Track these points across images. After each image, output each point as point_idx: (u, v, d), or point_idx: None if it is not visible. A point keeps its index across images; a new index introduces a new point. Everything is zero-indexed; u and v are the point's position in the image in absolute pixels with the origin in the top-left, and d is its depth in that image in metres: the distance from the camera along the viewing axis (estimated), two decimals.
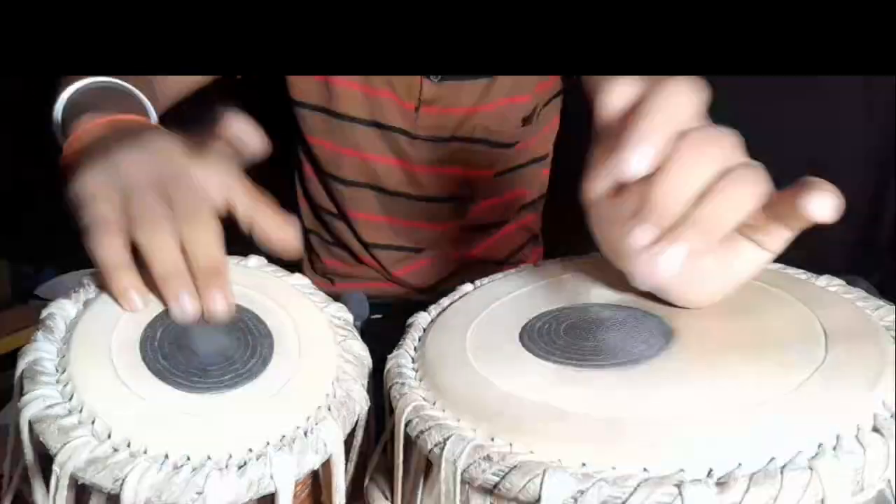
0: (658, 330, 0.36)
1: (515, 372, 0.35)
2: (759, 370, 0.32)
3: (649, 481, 0.27)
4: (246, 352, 0.37)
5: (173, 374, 0.35)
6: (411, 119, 0.81)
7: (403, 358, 0.39)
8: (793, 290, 0.38)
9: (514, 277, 0.46)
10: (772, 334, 0.35)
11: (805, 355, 0.32)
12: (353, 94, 0.80)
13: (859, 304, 0.37)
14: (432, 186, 0.86)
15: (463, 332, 0.39)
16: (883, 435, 0.28)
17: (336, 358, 0.39)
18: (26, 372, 0.35)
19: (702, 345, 0.35)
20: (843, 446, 0.27)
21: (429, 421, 0.33)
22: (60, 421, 0.32)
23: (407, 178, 0.85)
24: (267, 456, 0.32)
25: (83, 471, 0.31)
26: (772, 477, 0.26)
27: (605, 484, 0.27)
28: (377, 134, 0.83)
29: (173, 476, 0.31)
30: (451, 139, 0.83)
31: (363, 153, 0.84)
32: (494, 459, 0.30)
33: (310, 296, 0.43)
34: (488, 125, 0.82)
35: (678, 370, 0.33)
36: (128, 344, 0.36)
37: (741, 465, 0.27)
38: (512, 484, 0.29)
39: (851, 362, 0.31)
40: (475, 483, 0.31)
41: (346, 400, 0.37)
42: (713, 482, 0.27)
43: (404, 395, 0.35)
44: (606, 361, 0.34)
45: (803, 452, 0.27)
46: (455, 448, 0.31)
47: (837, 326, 0.34)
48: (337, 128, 0.83)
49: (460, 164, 0.85)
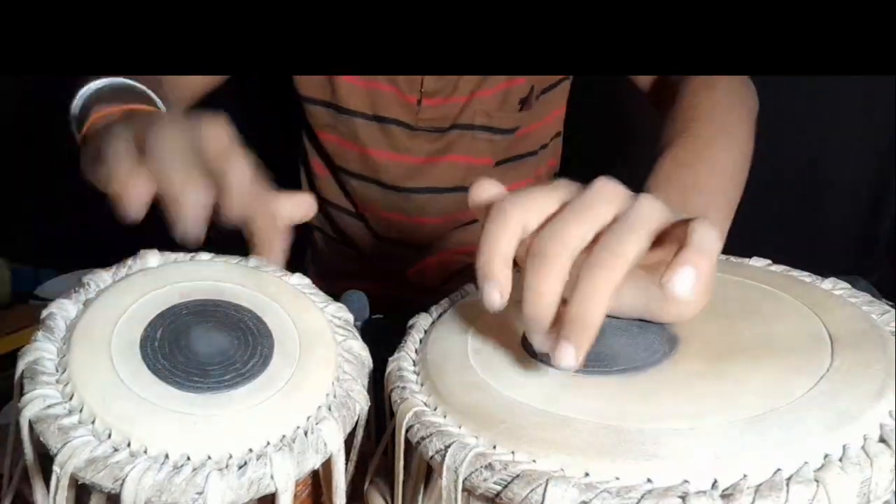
0: (662, 336, 0.36)
1: (518, 377, 0.35)
2: (764, 378, 0.32)
3: (653, 492, 0.27)
4: (246, 352, 0.37)
5: (173, 374, 0.35)
6: (413, 112, 0.82)
7: (405, 361, 0.38)
8: (798, 294, 0.38)
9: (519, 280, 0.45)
10: (777, 340, 0.34)
11: (811, 362, 0.32)
12: (355, 89, 0.81)
13: (865, 308, 0.36)
14: (434, 178, 0.86)
15: (465, 335, 0.39)
16: (889, 446, 0.27)
17: (336, 357, 0.39)
18: (26, 372, 0.34)
19: (706, 351, 0.34)
20: (850, 457, 0.27)
21: (430, 427, 0.33)
22: (60, 421, 0.32)
23: (406, 171, 0.85)
24: (267, 456, 0.32)
25: (83, 470, 0.31)
26: (777, 489, 0.26)
27: (609, 495, 0.27)
28: (378, 128, 0.83)
29: (173, 476, 0.30)
30: (452, 128, 0.84)
31: (365, 148, 0.84)
32: (496, 468, 0.29)
33: (310, 296, 0.43)
34: (488, 111, 0.83)
35: (682, 377, 0.33)
36: (128, 344, 0.36)
37: (746, 477, 0.27)
38: (514, 494, 0.29)
39: (857, 370, 0.31)
40: (477, 491, 0.30)
41: (347, 400, 0.36)
42: (718, 494, 0.26)
43: (405, 399, 0.35)
44: (610, 368, 0.34)
45: (809, 464, 0.27)
46: (457, 456, 0.30)
47: (843, 332, 0.34)
48: (342, 122, 0.83)
49: (461, 152, 0.85)
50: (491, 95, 0.83)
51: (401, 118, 0.83)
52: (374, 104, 0.82)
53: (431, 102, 0.82)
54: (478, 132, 0.84)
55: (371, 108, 0.82)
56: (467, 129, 0.84)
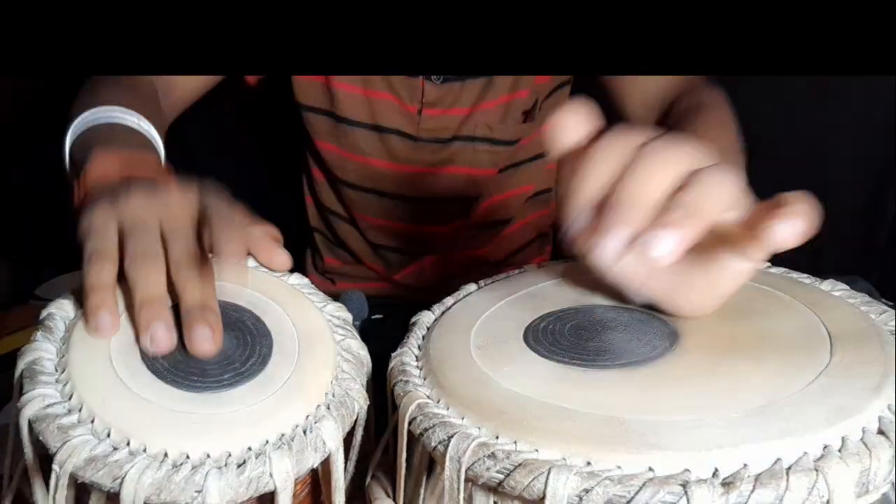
0: (663, 332, 0.36)
1: (520, 371, 0.35)
2: (764, 372, 0.32)
3: (654, 480, 0.27)
4: (245, 351, 0.37)
5: (172, 374, 0.35)
6: (414, 122, 0.81)
7: (407, 356, 0.39)
8: (797, 294, 0.38)
9: (519, 278, 0.46)
10: (777, 337, 0.35)
11: (810, 358, 0.32)
12: (354, 98, 0.80)
13: (863, 308, 0.37)
14: (435, 188, 0.85)
15: (467, 331, 0.39)
16: (888, 438, 0.28)
17: (335, 357, 0.39)
18: (26, 372, 0.35)
19: (707, 347, 0.35)
20: (849, 448, 0.27)
21: (433, 418, 0.33)
22: (60, 420, 0.32)
23: (408, 181, 0.85)
24: (266, 454, 0.32)
25: (83, 469, 0.31)
26: (777, 478, 0.26)
27: (611, 482, 0.27)
28: (378, 138, 0.82)
29: (172, 474, 0.30)
30: (454, 139, 0.83)
31: (365, 157, 0.84)
32: (499, 457, 0.30)
33: (308, 295, 0.43)
34: (490, 123, 0.82)
35: (683, 372, 0.33)
36: (127, 343, 0.36)
37: (746, 466, 0.27)
38: (516, 482, 0.29)
39: (856, 365, 0.31)
40: (479, 481, 0.30)
41: (345, 399, 0.37)
42: (719, 482, 0.27)
43: (408, 392, 0.35)
44: (611, 362, 0.34)
45: (809, 454, 0.27)
46: (459, 445, 0.31)
47: (842, 330, 0.34)
48: (341, 132, 0.83)
49: (463, 164, 0.85)
50: (493, 108, 0.82)
51: (402, 128, 0.82)
52: (373, 113, 0.81)
53: (432, 113, 0.81)
54: (479, 144, 0.83)
55: (371, 118, 0.82)
56: (469, 141, 0.83)
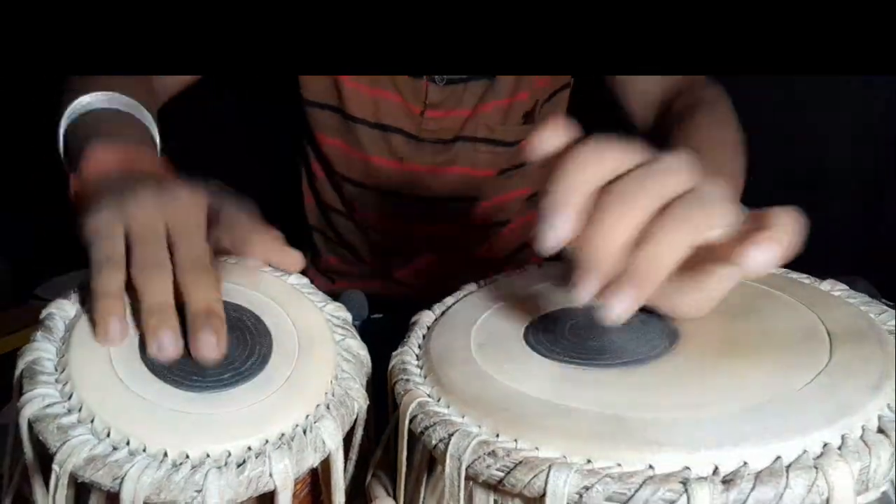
0: (663, 331, 0.36)
1: (520, 370, 0.35)
2: (764, 371, 0.32)
3: (655, 478, 0.27)
4: (245, 351, 0.37)
5: (172, 373, 0.35)
6: (417, 122, 0.82)
7: (408, 355, 0.39)
8: (797, 294, 0.38)
9: (519, 277, 0.46)
10: (777, 337, 0.35)
11: (810, 357, 0.32)
12: (361, 96, 0.81)
13: (863, 307, 0.37)
14: (436, 188, 0.86)
15: (468, 330, 0.39)
16: (888, 436, 0.28)
17: (334, 356, 0.39)
18: (25, 371, 0.35)
19: (706, 346, 0.35)
20: (849, 446, 0.27)
21: (434, 417, 0.33)
22: (59, 420, 0.32)
23: (409, 180, 0.85)
24: (266, 454, 0.32)
25: (82, 469, 0.31)
26: (777, 475, 0.26)
27: (611, 480, 0.27)
28: (381, 136, 0.83)
29: (172, 474, 0.30)
30: (455, 140, 0.83)
31: (367, 155, 0.84)
32: (499, 455, 0.30)
33: (308, 295, 0.43)
34: (491, 124, 0.83)
35: (683, 370, 0.33)
36: (127, 343, 0.36)
37: (747, 464, 0.27)
38: (517, 480, 0.29)
39: (856, 364, 0.31)
40: (479, 479, 0.31)
41: (345, 398, 0.37)
42: (719, 480, 0.27)
43: (409, 390, 0.35)
44: (611, 361, 0.34)
45: (809, 452, 0.27)
46: (460, 443, 0.31)
47: (842, 329, 0.34)
48: (346, 128, 0.83)
49: (464, 164, 0.85)
50: (494, 109, 0.83)
51: (404, 128, 0.83)
52: (377, 112, 0.82)
53: (435, 114, 0.82)
54: (480, 145, 0.84)
55: (374, 116, 0.82)
56: (470, 142, 0.84)
